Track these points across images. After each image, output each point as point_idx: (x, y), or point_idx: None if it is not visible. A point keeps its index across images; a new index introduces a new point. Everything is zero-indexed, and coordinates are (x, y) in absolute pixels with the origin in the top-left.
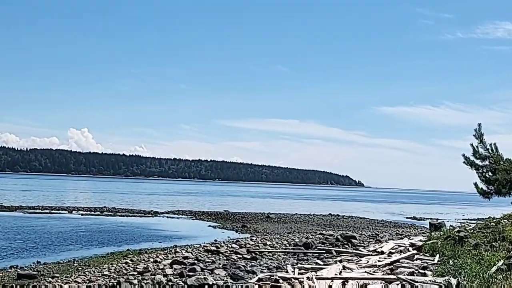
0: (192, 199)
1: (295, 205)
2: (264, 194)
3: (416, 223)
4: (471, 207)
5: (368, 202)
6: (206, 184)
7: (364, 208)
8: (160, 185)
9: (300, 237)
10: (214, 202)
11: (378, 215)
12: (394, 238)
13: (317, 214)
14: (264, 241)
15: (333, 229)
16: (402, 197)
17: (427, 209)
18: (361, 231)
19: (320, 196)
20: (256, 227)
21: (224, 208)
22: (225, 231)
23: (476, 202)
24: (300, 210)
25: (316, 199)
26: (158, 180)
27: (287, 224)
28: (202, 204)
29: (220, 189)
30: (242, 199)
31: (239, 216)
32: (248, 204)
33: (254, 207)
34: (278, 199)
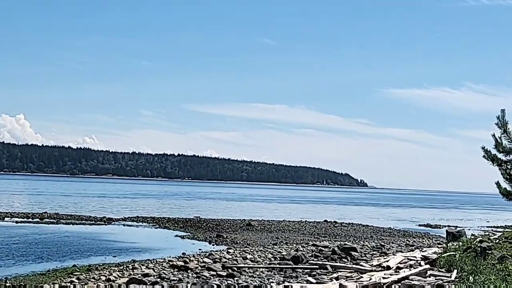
0: (155, 202)
1: (283, 210)
2: (245, 196)
3: (430, 232)
4: (497, 212)
5: (372, 206)
6: (173, 184)
7: (367, 213)
8: (115, 186)
9: (288, 249)
10: (182, 206)
11: (384, 222)
12: (403, 250)
13: (309, 221)
14: (244, 254)
15: (329, 239)
16: (413, 200)
17: (444, 214)
18: (363, 241)
19: (314, 199)
20: (234, 237)
21: (195, 214)
22: (195, 242)
23: (503, 206)
24: (288, 216)
25: (308, 203)
26: (112, 179)
27: (272, 233)
28: (168, 209)
29: (190, 190)
30: (217, 203)
31: (214, 223)
32: (225, 209)
33: (232, 212)
34: (261, 202)
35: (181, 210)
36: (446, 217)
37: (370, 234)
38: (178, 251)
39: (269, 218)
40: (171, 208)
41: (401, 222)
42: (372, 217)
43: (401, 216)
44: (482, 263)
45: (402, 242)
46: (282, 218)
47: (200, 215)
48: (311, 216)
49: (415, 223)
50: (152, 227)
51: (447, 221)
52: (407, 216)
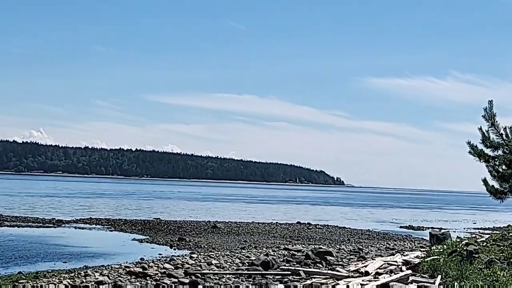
0: (110, 202)
1: (252, 210)
2: (210, 196)
3: (413, 234)
4: (484, 212)
5: (349, 207)
6: (130, 183)
7: (344, 214)
8: (66, 184)
9: (258, 253)
10: (140, 207)
11: (363, 223)
12: (383, 254)
13: (280, 223)
14: (209, 259)
15: (302, 242)
16: (394, 199)
17: (427, 215)
18: (339, 245)
19: (286, 198)
20: (198, 241)
21: (155, 216)
22: (155, 246)
23: (490, 206)
24: (258, 217)
25: (280, 203)
26: (63, 177)
27: (240, 236)
28: (124, 210)
29: (149, 189)
30: (179, 203)
31: (175, 226)
32: (188, 209)
33: (195, 213)
34: (228, 202)
35: (139, 211)
36: (429, 218)
37: (347, 237)
38: (135, 256)
39: (236, 219)
40: (128, 209)
41: (381, 223)
42: (350, 219)
43: (381, 217)
44: (468, 267)
45: (381, 245)
46: (251, 219)
47: (160, 217)
48: (283, 217)
49: (396, 224)
50: (106, 230)
51: (431, 222)
52: (388, 217)
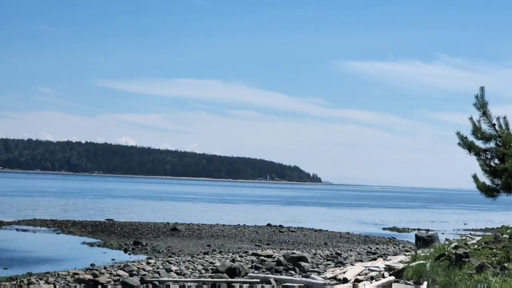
0: (57, 202)
1: (216, 211)
2: (169, 194)
3: (397, 237)
4: (475, 211)
5: (326, 207)
6: (79, 179)
7: (321, 215)
8: (7, 181)
9: (223, 259)
10: (91, 206)
11: (341, 225)
12: (364, 259)
13: (249, 226)
14: (168, 265)
15: (273, 247)
16: (377, 198)
17: (412, 215)
18: (315, 249)
19: (255, 197)
20: (156, 245)
21: (107, 216)
22: (108, 250)
23: (482, 205)
24: (223, 219)
25: (248, 203)
26: (3, 172)
27: (203, 240)
28: (73, 210)
29: (101, 186)
30: (135, 202)
31: (130, 228)
32: (145, 209)
33: (153, 214)
34: (190, 202)
35: (89, 212)
36: (415, 218)
37: (323, 240)
38: (85, 262)
39: (199, 221)
40: (77, 209)
41: (361, 225)
42: (327, 220)
43: (362, 218)
44: (457, 273)
45: (362, 249)
46: (215, 221)
47: (113, 218)
48: (251, 219)
49: (378, 226)
50: (53, 233)
51: (417, 223)
52: (369, 218)
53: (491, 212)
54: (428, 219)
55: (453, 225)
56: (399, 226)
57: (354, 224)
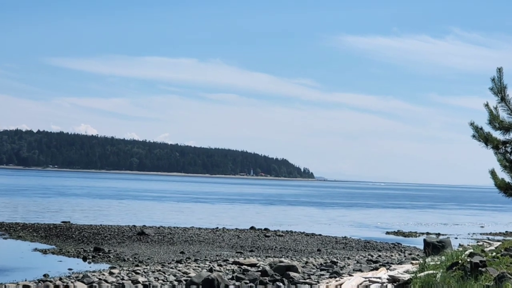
0: (3, 201)
1: (191, 212)
2: (136, 192)
3: (403, 242)
4: (493, 212)
5: (320, 207)
6: (30, 175)
7: (313, 217)
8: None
9: (199, 268)
10: (44, 206)
11: (337, 228)
12: (364, 269)
13: (229, 229)
14: (135, 276)
15: (258, 254)
16: (379, 197)
17: (420, 217)
18: (306, 257)
19: (236, 196)
20: (120, 252)
21: (63, 218)
22: (63, 258)
23: (501, 205)
24: (199, 221)
25: (228, 202)
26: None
27: (175, 245)
28: (23, 211)
29: (56, 183)
30: (95, 202)
31: (90, 232)
32: (107, 210)
33: (117, 216)
34: (160, 201)
35: (42, 213)
36: (423, 220)
37: (316, 246)
38: (38, 272)
39: (170, 224)
40: (27, 210)
41: (360, 228)
42: (320, 222)
43: (361, 220)
44: (473, 285)
45: (362, 257)
46: (190, 224)
47: (70, 220)
48: (232, 221)
49: (380, 229)
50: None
51: (426, 226)
52: (370, 220)
53: (510, 213)
54: (438, 221)
55: (467, 228)
56: (404, 230)
57: (352, 227)
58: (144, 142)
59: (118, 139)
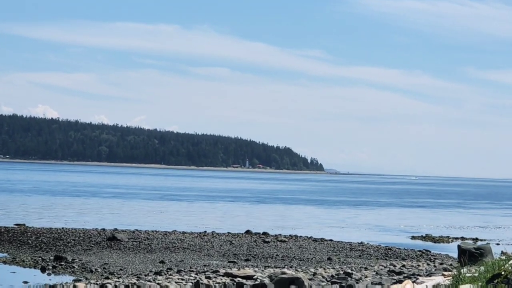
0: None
1: (173, 213)
2: (106, 188)
3: (432, 249)
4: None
5: (330, 206)
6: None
7: (323, 217)
8: None
9: (182, 282)
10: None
11: (352, 232)
12: (384, 282)
13: (219, 233)
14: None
15: (255, 264)
16: (401, 193)
17: (454, 218)
18: (314, 267)
19: (228, 192)
20: (86, 261)
21: (16, 221)
22: (18, 269)
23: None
24: (183, 223)
25: (219, 200)
26: None
27: (153, 253)
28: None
29: (8, 177)
30: (56, 200)
31: (50, 236)
32: (71, 211)
33: (82, 217)
34: (135, 199)
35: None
36: (457, 222)
37: (327, 254)
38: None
39: (147, 227)
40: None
41: (380, 232)
42: (332, 225)
43: (382, 222)
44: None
45: (382, 267)
46: (171, 227)
47: (25, 222)
48: (223, 223)
49: (405, 233)
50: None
51: (460, 229)
52: (392, 221)
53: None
54: (475, 223)
55: (511, 232)
56: (434, 234)
57: (370, 231)
58: (115, 126)
59: (84, 123)
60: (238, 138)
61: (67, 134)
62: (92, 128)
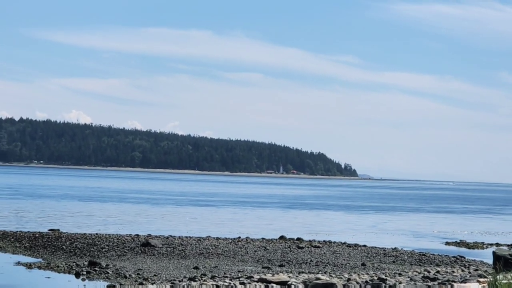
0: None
1: (207, 219)
2: (139, 194)
3: (467, 255)
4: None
5: (364, 211)
6: (10, 172)
7: (356, 223)
8: None
9: (217, 287)
10: (29, 211)
11: (386, 238)
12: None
13: (253, 238)
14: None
15: (289, 269)
16: (435, 198)
17: (489, 223)
18: (348, 272)
19: (262, 198)
20: (120, 266)
21: (51, 226)
22: (52, 274)
23: None
24: (217, 229)
25: (253, 206)
26: None
27: (187, 259)
28: (4, 217)
29: (42, 182)
30: (89, 206)
31: (84, 242)
32: (104, 216)
33: (116, 223)
34: (169, 205)
35: (26, 219)
36: (492, 228)
37: (360, 259)
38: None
39: (181, 233)
40: (8, 215)
41: (414, 238)
42: (365, 231)
43: (415, 227)
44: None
45: (416, 273)
46: (206, 233)
47: (59, 228)
48: (257, 229)
49: (438, 239)
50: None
51: (495, 235)
52: (426, 227)
53: None
54: (510, 229)
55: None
56: (469, 240)
57: (403, 237)
58: (148, 132)
59: (117, 128)
60: (272, 144)
61: (101, 140)
62: (125, 133)
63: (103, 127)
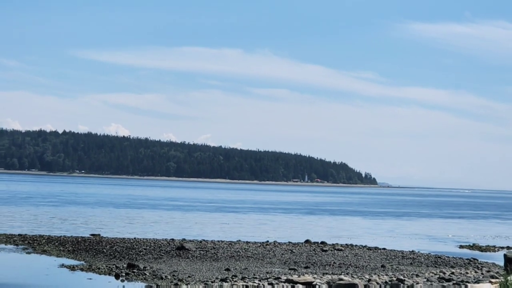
0: (26, 211)
1: (237, 224)
2: (174, 201)
3: (479, 257)
4: None
5: (383, 217)
6: (55, 181)
7: (376, 228)
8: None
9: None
10: (70, 216)
11: (404, 241)
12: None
13: (280, 242)
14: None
15: (314, 271)
16: (451, 205)
17: (501, 228)
18: (369, 274)
19: (288, 205)
20: (157, 268)
21: (92, 231)
22: (93, 276)
23: None
24: (246, 234)
25: (280, 212)
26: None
27: (219, 262)
28: (48, 223)
29: (83, 190)
30: (128, 212)
31: (123, 246)
32: (142, 222)
33: (153, 228)
34: (201, 212)
35: (69, 225)
36: (504, 232)
37: (380, 261)
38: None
39: (214, 237)
40: (52, 221)
41: (430, 241)
42: (384, 235)
43: (432, 232)
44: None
45: (432, 274)
46: (236, 237)
47: (100, 233)
48: (284, 233)
49: (454, 243)
50: (22, 252)
51: (506, 239)
52: (441, 231)
53: None
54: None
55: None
56: (481, 243)
57: (420, 240)
58: (182, 144)
59: (153, 140)
60: (297, 154)
61: (138, 151)
62: (161, 145)
63: (140, 139)
